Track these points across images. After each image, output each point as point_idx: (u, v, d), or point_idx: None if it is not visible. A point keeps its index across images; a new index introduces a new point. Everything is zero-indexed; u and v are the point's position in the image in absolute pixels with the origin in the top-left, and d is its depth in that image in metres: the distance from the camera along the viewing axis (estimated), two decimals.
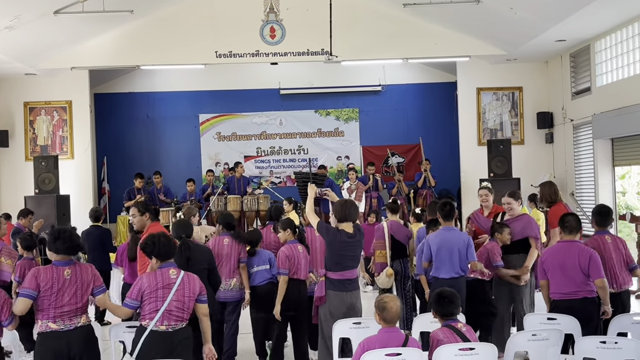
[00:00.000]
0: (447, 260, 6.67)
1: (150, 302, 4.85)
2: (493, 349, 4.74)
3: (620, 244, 6.34)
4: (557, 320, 5.58)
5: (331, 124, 16.63)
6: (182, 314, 4.93)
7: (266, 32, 13.20)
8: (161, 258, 5.01)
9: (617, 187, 12.14)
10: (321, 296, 5.97)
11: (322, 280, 6.00)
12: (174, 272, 4.98)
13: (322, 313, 6.02)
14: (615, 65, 11.76)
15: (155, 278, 4.91)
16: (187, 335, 5.05)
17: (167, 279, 4.92)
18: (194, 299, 5.02)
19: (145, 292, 4.85)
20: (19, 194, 12.91)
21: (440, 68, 16.12)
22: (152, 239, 5.05)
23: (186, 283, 4.98)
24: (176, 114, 16.49)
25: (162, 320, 4.84)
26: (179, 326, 4.92)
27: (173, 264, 5.08)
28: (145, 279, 4.91)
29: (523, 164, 13.73)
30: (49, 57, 13.03)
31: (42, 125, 14.27)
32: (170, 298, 4.86)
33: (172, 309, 4.87)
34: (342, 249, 5.98)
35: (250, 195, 13.65)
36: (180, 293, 4.92)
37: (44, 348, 4.80)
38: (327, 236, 5.97)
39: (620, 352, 4.86)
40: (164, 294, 4.86)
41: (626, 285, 6.27)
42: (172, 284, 4.91)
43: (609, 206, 6.82)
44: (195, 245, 6.35)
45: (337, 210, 6.06)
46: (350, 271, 6.02)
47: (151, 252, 5.01)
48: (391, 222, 8.33)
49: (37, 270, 4.82)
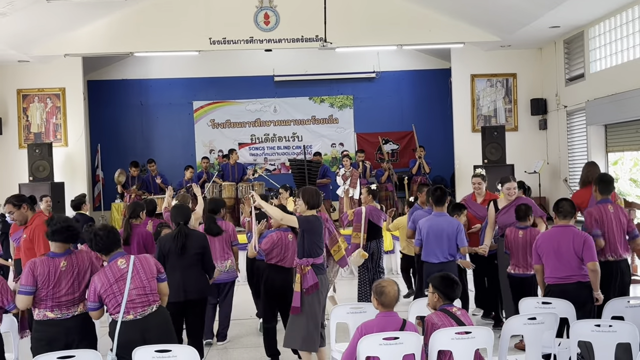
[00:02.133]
0: (437, 245, 6.82)
1: (110, 300, 4.77)
2: (489, 332, 4.79)
3: (622, 214, 6.48)
4: (552, 305, 5.63)
5: (325, 111, 16.63)
6: (146, 299, 4.84)
7: (260, 19, 13.16)
8: (105, 252, 4.90)
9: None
10: (315, 283, 5.98)
11: (311, 269, 5.98)
12: (123, 262, 4.86)
13: (312, 300, 6.00)
14: (609, 52, 11.79)
15: (106, 275, 4.79)
16: (162, 318, 4.95)
17: (117, 272, 4.81)
18: (153, 278, 4.92)
19: (100, 291, 4.76)
20: (13, 181, 12.89)
21: (435, 55, 16.12)
22: (89, 235, 4.88)
23: (139, 267, 4.88)
24: (170, 101, 16.44)
25: (128, 311, 4.77)
26: (148, 311, 4.84)
27: (120, 252, 4.93)
28: (96, 279, 4.79)
29: (517, 150, 13.78)
30: (42, 44, 12.96)
31: (36, 113, 14.21)
32: (127, 289, 4.77)
33: (133, 297, 4.78)
34: (321, 233, 6.18)
35: (244, 183, 13.66)
36: (137, 279, 4.83)
37: (40, 335, 4.82)
38: (310, 224, 6.04)
39: (615, 335, 4.92)
40: (119, 287, 4.77)
41: (625, 254, 6.43)
42: (125, 274, 4.80)
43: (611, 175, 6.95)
44: (191, 232, 6.37)
45: (311, 196, 6.15)
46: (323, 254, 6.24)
47: (93, 248, 4.89)
48: (370, 207, 8.66)
49: (34, 264, 4.80)
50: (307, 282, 5.98)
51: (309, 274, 5.99)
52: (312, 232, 6.04)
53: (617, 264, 6.36)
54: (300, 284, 5.98)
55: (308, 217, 6.07)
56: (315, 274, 6.01)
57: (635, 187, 12.25)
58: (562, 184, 13.16)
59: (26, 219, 6.68)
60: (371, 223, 8.63)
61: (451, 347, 4.63)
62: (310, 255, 6.02)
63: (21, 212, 6.64)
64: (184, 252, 6.16)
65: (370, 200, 8.77)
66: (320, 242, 6.15)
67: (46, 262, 4.81)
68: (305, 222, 6.02)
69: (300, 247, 6.08)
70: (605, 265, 6.17)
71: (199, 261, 6.28)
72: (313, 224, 6.04)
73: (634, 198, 11.63)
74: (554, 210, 6.11)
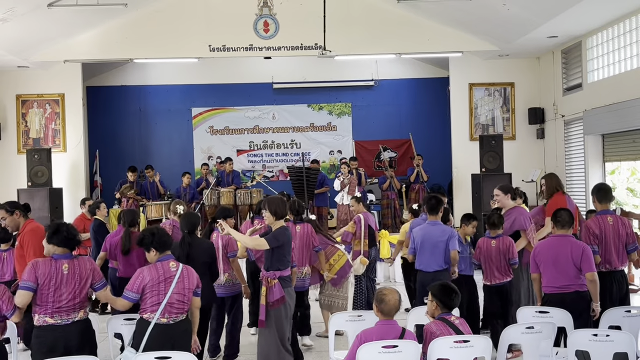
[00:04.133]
0: (431, 254, 6.82)
1: (152, 296, 4.91)
2: (487, 341, 4.81)
3: (622, 226, 6.46)
4: (549, 314, 5.66)
5: (324, 118, 16.67)
6: (182, 306, 5.00)
7: (260, 26, 13.20)
8: (160, 250, 5.06)
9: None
10: (281, 297, 5.88)
11: (277, 283, 5.86)
12: (174, 265, 5.04)
13: (280, 313, 5.92)
14: (606, 62, 11.86)
15: (157, 271, 4.96)
16: (187, 327, 5.12)
17: (167, 272, 4.98)
18: (192, 291, 5.08)
19: (147, 285, 4.90)
20: (12, 186, 12.86)
21: (433, 63, 16.18)
22: (151, 230, 5.12)
23: (185, 276, 5.05)
24: (169, 107, 16.47)
25: (164, 313, 4.90)
26: (179, 318, 4.99)
27: (171, 256, 5.13)
28: (146, 272, 4.95)
29: (514, 159, 13.82)
30: (42, 50, 12.99)
31: (35, 118, 14.23)
32: (171, 291, 4.92)
33: (173, 301, 4.93)
34: (290, 244, 6.07)
35: (243, 190, 13.69)
36: (181, 285, 4.99)
37: (40, 341, 4.81)
38: (282, 238, 5.89)
39: (612, 345, 4.94)
40: (165, 287, 4.92)
41: (621, 266, 6.44)
42: (173, 277, 4.97)
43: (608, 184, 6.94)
44: (197, 241, 6.34)
45: (278, 206, 5.97)
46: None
47: (150, 243, 5.05)
48: (365, 214, 8.72)
49: (36, 263, 4.82)
50: (273, 296, 5.85)
51: (275, 287, 5.86)
52: (285, 244, 5.94)
53: (610, 275, 6.36)
54: (265, 297, 5.85)
55: (277, 236, 5.87)
56: (282, 287, 5.90)
57: (633, 197, 12.30)
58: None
59: (18, 225, 6.69)
60: (370, 229, 8.67)
61: (449, 356, 4.65)
62: (278, 268, 5.91)
63: (13, 218, 6.65)
64: (189, 261, 6.14)
65: (361, 207, 8.82)
66: (289, 254, 6.05)
67: (48, 263, 4.83)
68: (274, 242, 5.85)
69: (267, 259, 5.95)
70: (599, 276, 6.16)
71: (206, 270, 6.22)
72: (282, 240, 5.89)
73: (631, 207, 11.69)
74: (552, 220, 6.12)
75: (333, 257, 7.84)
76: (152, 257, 5.09)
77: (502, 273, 6.94)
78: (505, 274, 6.94)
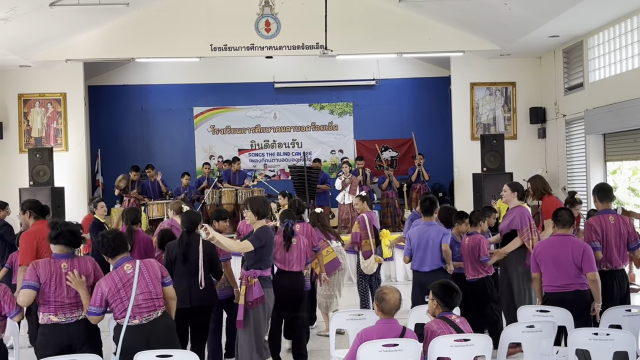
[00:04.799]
0: (427, 254, 6.89)
1: (117, 304, 4.82)
2: (488, 340, 4.83)
3: (623, 225, 6.46)
4: (550, 313, 5.67)
5: (325, 117, 16.67)
6: (152, 303, 4.89)
7: (261, 26, 13.21)
8: (111, 255, 4.97)
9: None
10: (261, 296, 5.88)
11: (257, 282, 5.87)
12: (129, 267, 4.91)
13: (259, 312, 5.93)
14: (608, 61, 11.86)
15: (113, 280, 4.84)
16: (168, 323, 5.01)
17: (124, 277, 4.86)
18: (158, 283, 4.97)
19: (108, 296, 4.80)
20: (14, 186, 12.89)
21: (434, 63, 16.19)
22: (98, 238, 5.03)
23: (145, 272, 4.93)
24: (170, 106, 16.48)
25: (134, 315, 4.82)
26: (153, 316, 4.90)
27: (126, 257, 5.00)
28: (103, 284, 4.83)
29: (516, 158, 13.81)
30: (44, 49, 13.00)
31: (37, 117, 14.25)
32: (134, 294, 4.82)
33: (139, 302, 4.84)
34: (272, 245, 6.08)
35: (244, 189, 13.70)
36: (143, 284, 4.88)
37: (46, 339, 4.85)
38: (264, 238, 5.90)
39: (613, 344, 4.95)
40: (126, 292, 4.82)
41: (622, 265, 6.45)
42: (131, 279, 4.85)
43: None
44: (195, 239, 6.32)
45: (260, 205, 6.00)
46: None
47: (101, 251, 5.00)
48: (368, 213, 8.74)
49: (36, 263, 4.88)
50: (253, 295, 5.84)
51: (255, 287, 5.86)
52: (268, 243, 5.97)
53: (611, 274, 6.36)
54: (245, 296, 5.84)
55: (259, 236, 5.89)
56: (262, 287, 5.90)
57: (634, 196, 12.30)
58: (561, 193, 13.20)
59: (27, 225, 6.74)
60: (374, 228, 8.68)
61: (450, 354, 4.67)
62: (259, 267, 5.93)
63: (24, 217, 6.71)
64: (186, 260, 6.16)
65: (366, 207, 8.82)
66: (271, 254, 6.08)
67: (48, 262, 4.88)
68: (257, 242, 5.86)
69: (249, 258, 5.95)
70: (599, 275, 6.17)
71: (205, 270, 6.18)
72: (264, 240, 5.91)
73: (632, 207, 11.69)
74: (553, 220, 6.14)
75: (322, 252, 7.87)
76: (111, 262, 5.02)
77: (475, 269, 7.12)
78: (476, 270, 7.11)
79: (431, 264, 6.88)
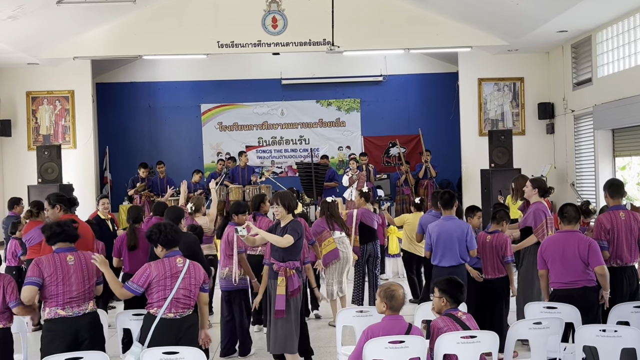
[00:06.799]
0: (447, 249, 6.80)
1: (158, 291, 4.93)
2: (494, 336, 4.81)
3: (634, 221, 6.38)
4: (557, 309, 5.64)
5: (332, 114, 16.66)
6: (188, 301, 5.03)
7: (268, 22, 13.22)
8: (166, 246, 5.09)
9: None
10: (299, 286, 6.13)
11: (295, 273, 6.06)
12: (181, 261, 5.06)
13: (297, 302, 6.15)
14: (616, 57, 11.79)
15: (164, 267, 4.98)
16: (194, 322, 5.15)
17: (174, 268, 5.00)
18: (199, 286, 5.11)
19: (153, 280, 4.92)
20: (22, 183, 12.98)
21: (442, 58, 16.14)
22: (158, 227, 5.13)
23: (192, 271, 5.07)
24: (178, 103, 16.53)
25: (170, 308, 4.92)
26: (186, 313, 5.02)
27: (178, 252, 5.15)
28: (153, 267, 4.97)
29: (524, 154, 13.77)
30: (52, 47, 13.06)
31: (45, 115, 14.32)
32: (177, 286, 4.94)
33: (179, 297, 4.96)
34: (303, 236, 6.29)
35: (252, 185, 13.70)
36: (187, 281, 5.01)
37: (51, 334, 4.88)
38: (300, 230, 6.11)
39: (620, 341, 4.92)
40: (171, 282, 4.94)
41: (632, 262, 6.38)
42: (179, 272, 4.99)
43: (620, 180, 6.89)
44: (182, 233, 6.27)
45: (290, 200, 6.17)
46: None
47: (157, 240, 5.08)
48: (361, 210, 8.85)
49: (39, 260, 4.90)
50: (293, 285, 6.05)
51: (294, 277, 6.07)
52: (302, 237, 6.18)
53: (621, 270, 6.31)
54: (285, 287, 6.00)
55: (295, 229, 6.04)
56: (299, 277, 6.13)
57: None
58: (570, 188, 13.15)
59: (57, 219, 6.68)
60: (364, 225, 8.78)
61: (456, 351, 4.65)
62: (295, 258, 6.12)
63: (54, 211, 6.65)
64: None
65: (363, 203, 8.94)
66: (302, 246, 6.28)
67: (51, 258, 4.91)
68: (296, 234, 6.02)
69: (285, 250, 6.06)
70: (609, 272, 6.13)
71: None
72: (300, 232, 6.10)
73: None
74: (559, 216, 6.09)
75: (324, 242, 8.11)
76: (160, 253, 5.12)
77: (494, 269, 6.88)
78: (497, 270, 6.86)
79: (452, 259, 6.75)
